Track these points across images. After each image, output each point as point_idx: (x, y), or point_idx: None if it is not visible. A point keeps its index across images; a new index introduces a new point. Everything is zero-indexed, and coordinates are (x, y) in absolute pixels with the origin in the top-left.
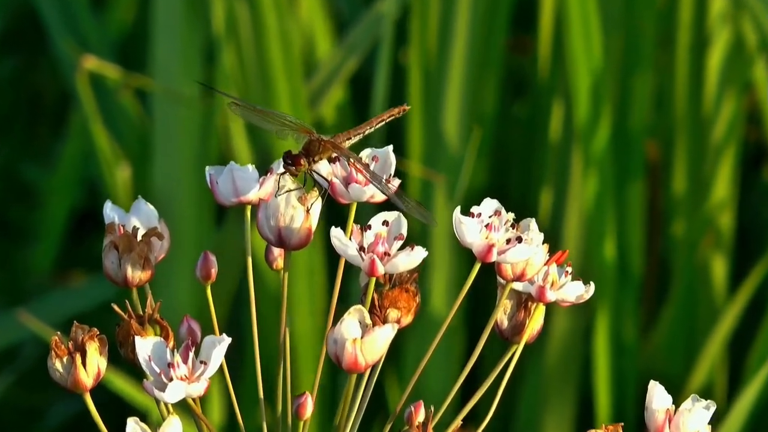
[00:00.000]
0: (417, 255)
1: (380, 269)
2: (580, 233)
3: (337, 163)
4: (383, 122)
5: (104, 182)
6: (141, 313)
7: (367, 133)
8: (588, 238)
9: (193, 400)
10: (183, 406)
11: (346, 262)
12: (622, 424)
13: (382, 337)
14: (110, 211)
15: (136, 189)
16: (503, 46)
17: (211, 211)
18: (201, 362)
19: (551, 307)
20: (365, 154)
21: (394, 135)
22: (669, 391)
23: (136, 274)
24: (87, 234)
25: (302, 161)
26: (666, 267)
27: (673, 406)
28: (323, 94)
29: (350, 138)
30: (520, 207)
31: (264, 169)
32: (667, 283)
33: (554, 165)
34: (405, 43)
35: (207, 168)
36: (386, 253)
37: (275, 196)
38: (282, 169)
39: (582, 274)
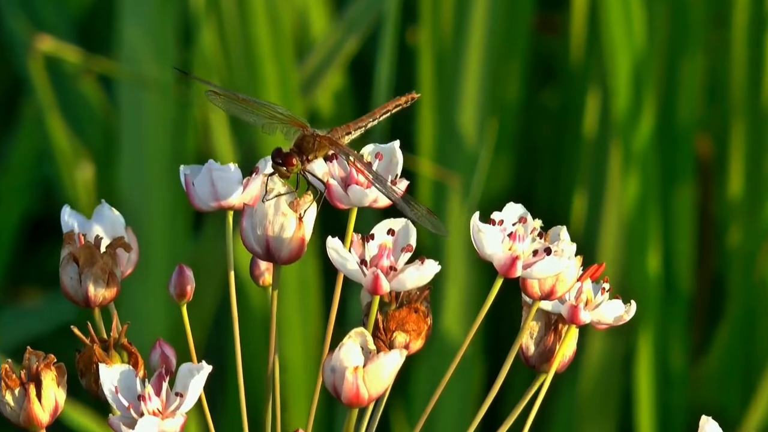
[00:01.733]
0: (428, 270)
1: (385, 286)
2: (618, 243)
3: (335, 161)
4: (388, 114)
5: (62, 184)
6: (105, 336)
7: (369, 126)
8: (628, 249)
9: None
10: None
11: (345, 277)
12: None
13: (388, 365)
14: (69, 218)
15: (99, 192)
16: (529, 25)
17: (186, 217)
18: (176, 394)
19: (585, 329)
20: (367, 150)
21: (400, 128)
22: (723, 427)
23: (100, 292)
24: (41, 244)
25: (294, 160)
26: (720, 282)
27: None
28: (318, 79)
29: (350, 132)
30: (548, 212)
31: (248, 169)
32: (720, 301)
33: (589, 163)
34: (414, 21)
35: (182, 167)
36: (392, 268)
37: (263, 200)
38: (270, 170)
39: (621, 292)
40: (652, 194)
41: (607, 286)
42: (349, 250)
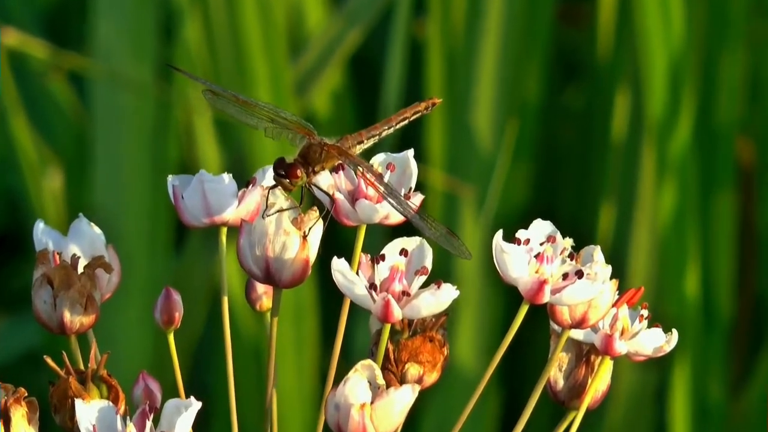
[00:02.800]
0: (445, 295)
1: (397, 313)
2: (651, 262)
3: (341, 172)
4: (406, 121)
5: (27, 194)
6: (83, 368)
7: (384, 135)
8: (663, 269)
9: None
10: None
11: (350, 302)
12: None
13: (399, 401)
14: (42, 235)
15: (69, 203)
16: (551, 17)
17: (167, 233)
18: None
19: (615, 359)
20: (378, 160)
21: (406, 133)
22: None
23: (77, 318)
24: (4, 261)
25: (299, 172)
26: (763, 306)
27: None
28: (314, 78)
29: (362, 141)
30: (572, 228)
31: (237, 180)
32: (763, 326)
33: (617, 172)
34: (422, 13)
35: (169, 178)
36: (405, 293)
37: (263, 216)
38: (271, 182)
39: (654, 317)
40: (690, 206)
41: (645, 313)
42: (357, 273)
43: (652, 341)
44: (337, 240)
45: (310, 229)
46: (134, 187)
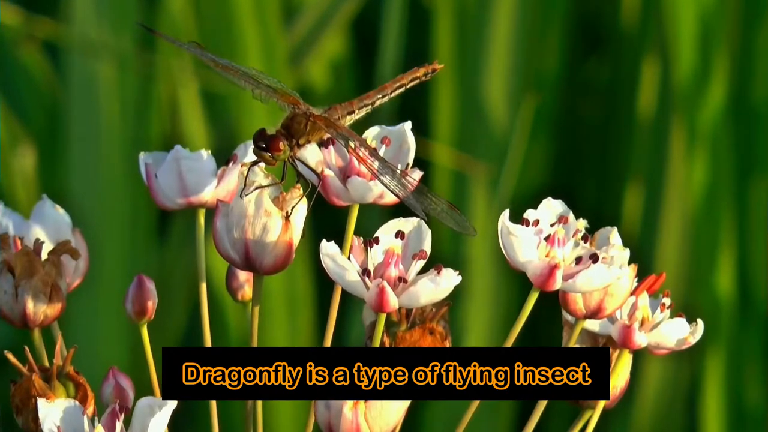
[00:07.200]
0: (446, 282)
1: (393, 302)
2: (682, 248)
3: (332, 147)
4: (403, 89)
5: None
6: (47, 364)
7: (378, 104)
8: (694, 256)
9: None
10: None
11: (343, 291)
12: None
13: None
14: (2, 217)
15: (41, 184)
16: None
17: (149, 219)
18: None
19: (640, 354)
20: (372, 134)
21: (411, 106)
22: None
23: (40, 309)
24: None
25: (281, 145)
26: None
27: None
28: (311, 45)
29: (353, 111)
30: (595, 211)
31: (225, 158)
32: None
33: (645, 150)
34: None
35: (142, 155)
36: (401, 279)
37: (240, 195)
38: (251, 157)
39: (685, 309)
40: (723, 185)
41: (667, 301)
42: (349, 258)
43: (675, 332)
44: (328, 221)
45: (293, 208)
46: (113, 168)
